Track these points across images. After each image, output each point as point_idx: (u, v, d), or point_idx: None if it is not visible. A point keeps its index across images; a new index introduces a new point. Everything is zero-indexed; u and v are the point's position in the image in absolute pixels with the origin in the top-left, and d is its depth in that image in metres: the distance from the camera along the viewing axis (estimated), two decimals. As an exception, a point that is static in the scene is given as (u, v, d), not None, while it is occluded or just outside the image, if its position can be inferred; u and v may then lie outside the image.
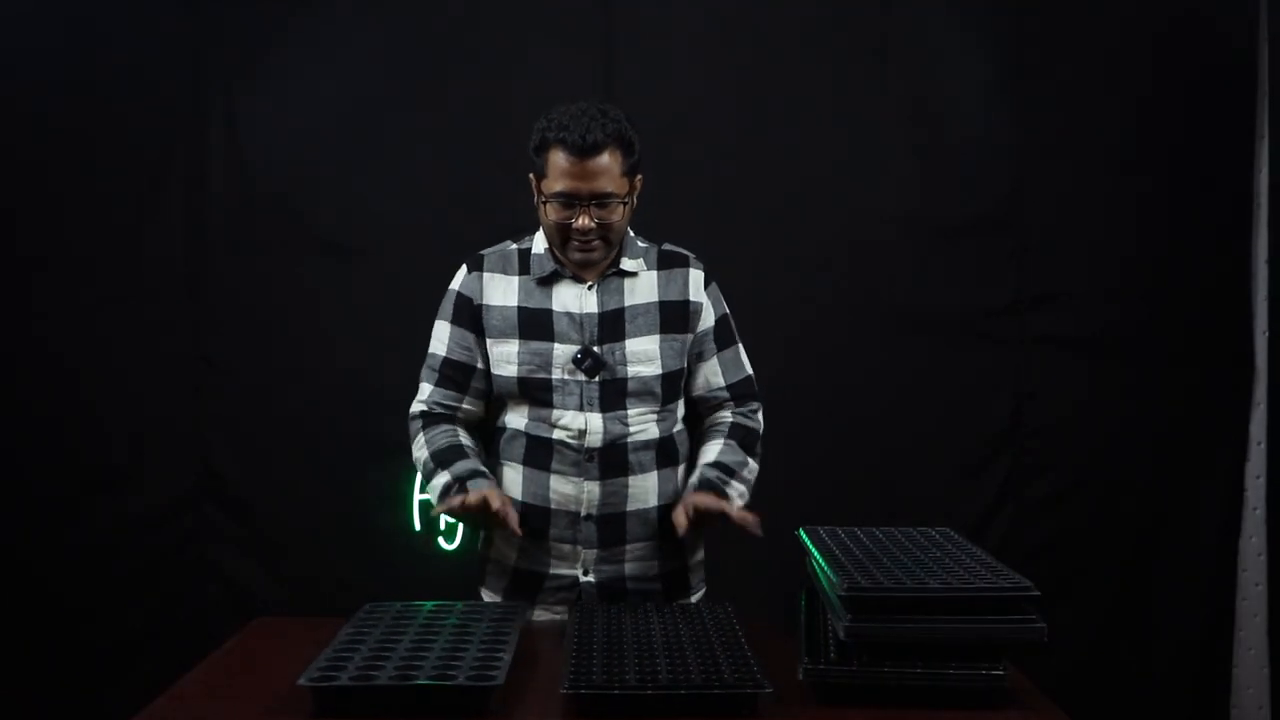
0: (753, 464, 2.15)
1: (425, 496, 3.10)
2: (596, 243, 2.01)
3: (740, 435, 2.15)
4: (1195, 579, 3.23)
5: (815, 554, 1.74)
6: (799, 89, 3.22)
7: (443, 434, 2.10)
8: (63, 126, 3.19)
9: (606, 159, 1.95)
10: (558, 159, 1.96)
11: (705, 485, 2.05)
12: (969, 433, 3.25)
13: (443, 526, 3.14)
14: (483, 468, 2.07)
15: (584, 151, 1.94)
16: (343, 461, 3.19)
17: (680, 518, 1.98)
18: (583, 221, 1.98)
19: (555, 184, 1.97)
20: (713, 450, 2.13)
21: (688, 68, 3.21)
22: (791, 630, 1.79)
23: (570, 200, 1.97)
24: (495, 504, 1.94)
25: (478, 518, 2.02)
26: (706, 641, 1.73)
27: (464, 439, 2.11)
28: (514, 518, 1.97)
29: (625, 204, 2.01)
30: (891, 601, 1.52)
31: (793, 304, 3.22)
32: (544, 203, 2.01)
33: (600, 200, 1.97)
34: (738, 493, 2.09)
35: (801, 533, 1.88)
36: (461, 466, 2.04)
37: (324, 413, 3.22)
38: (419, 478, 2.16)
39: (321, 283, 3.22)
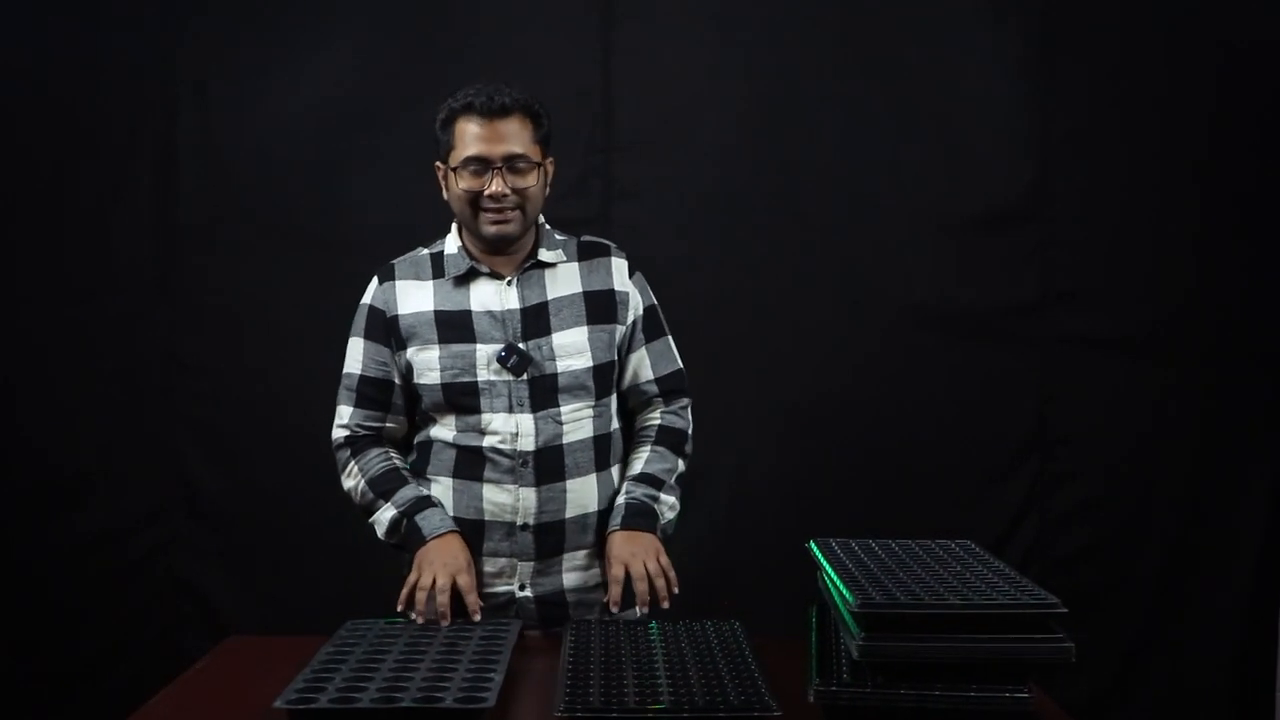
0: (681, 466, 2.20)
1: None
2: (512, 212, 2.04)
3: (669, 439, 2.19)
4: (1233, 595, 3.24)
5: (827, 567, 1.74)
6: (810, 77, 3.22)
7: (376, 459, 2.13)
8: (24, 113, 3.20)
9: (516, 123, 2.02)
10: (466, 126, 2.02)
11: (633, 513, 2.07)
12: (991, 439, 3.25)
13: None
14: (426, 493, 2.10)
15: (493, 112, 2.00)
16: (323, 469, 3.16)
17: (615, 590, 1.99)
18: (496, 185, 2.01)
19: (466, 150, 2.02)
20: (640, 459, 2.17)
21: (693, 59, 3.22)
22: (801, 649, 1.78)
23: (482, 164, 2.01)
24: (463, 583, 1.96)
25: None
26: (711, 661, 1.73)
27: (398, 461, 2.14)
28: (475, 601, 1.97)
29: (539, 169, 2.05)
30: (908, 618, 1.52)
31: (804, 303, 3.22)
32: (454, 172, 2.04)
33: (512, 163, 2.01)
34: (668, 505, 2.13)
35: (812, 545, 1.88)
36: (405, 496, 2.08)
37: (303, 417, 3.19)
38: (358, 508, 2.17)
39: (300, 279, 3.22)
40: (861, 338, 3.23)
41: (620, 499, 2.10)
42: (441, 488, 2.10)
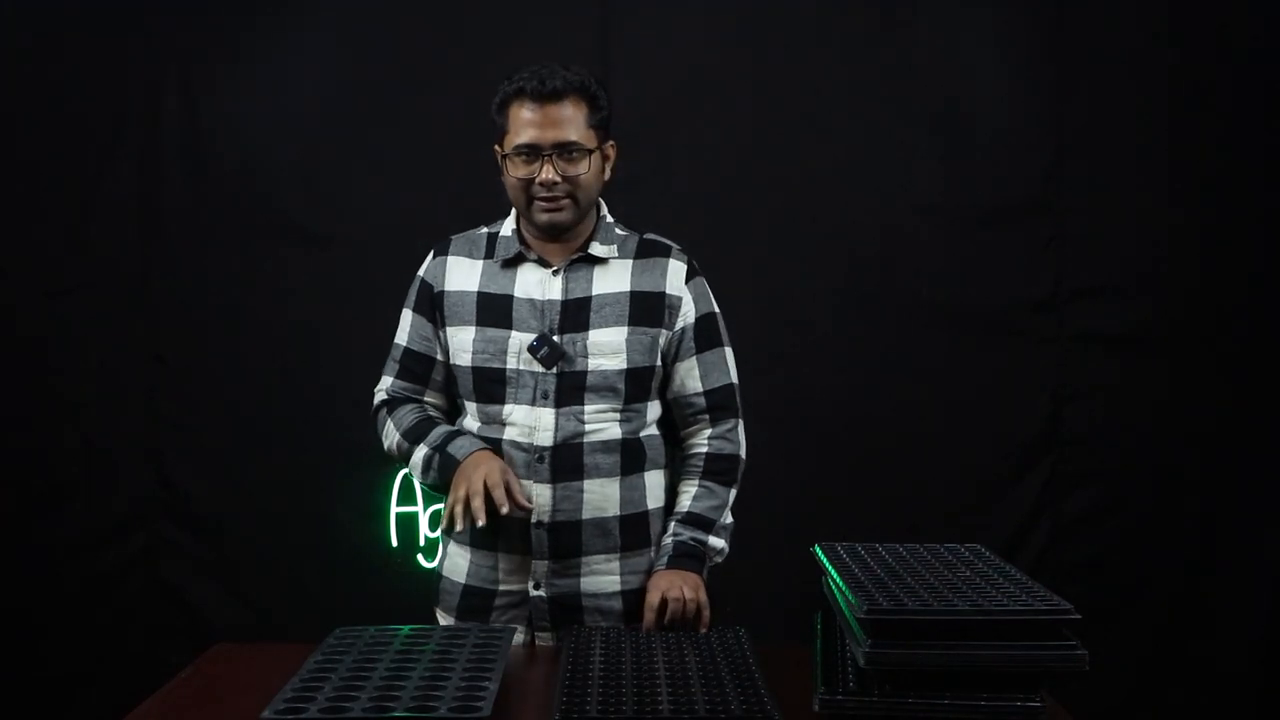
0: (731, 496, 2.19)
1: (401, 510, 3.16)
2: (564, 201, 2.05)
3: (717, 470, 2.18)
4: (1254, 601, 3.23)
5: (832, 573, 1.75)
6: (816, 70, 3.23)
7: (409, 412, 2.15)
8: (4, 108, 3.20)
9: (569, 108, 2.02)
10: (519, 111, 2.03)
11: (681, 553, 2.08)
12: (1002, 439, 3.25)
13: (423, 543, 3.14)
14: (456, 428, 2.12)
15: (544, 97, 2.01)
16: (311, 471, 3.20)
17: (650, 616, 2.02)
18: (547, 173, 2.02)
19: (517, 137, 2.03)
20: (688, 495, 2.16)
21: (696, 51, 3.23)
22: (806, 656, 1.79)
23: (533, 151, 2.02)
24: (493, 479, 1.94)
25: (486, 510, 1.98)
26: (714, 669, 1.73)
27: (433, 412, 2.17)
28: (515, 488, 1.97)
29: (592, 155, 2.05)
30: (916, 625, 1.52)
31: (809, 299, 3.23)
32: (506, 159, 2.06)
33: (564, 150, 2.02)
34: (716, 550, 2.14)
35: (817, 550, 1.88)
36: (436, 434, 2.10)
37: (290, 417, 3.22)
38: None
39: (287, 274, 3.22)
40: (867, 335, 3.23)
41: (667, 539, 2.11)
42: None
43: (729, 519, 2.17)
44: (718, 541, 2.14)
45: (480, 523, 1.94)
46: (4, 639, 3.20)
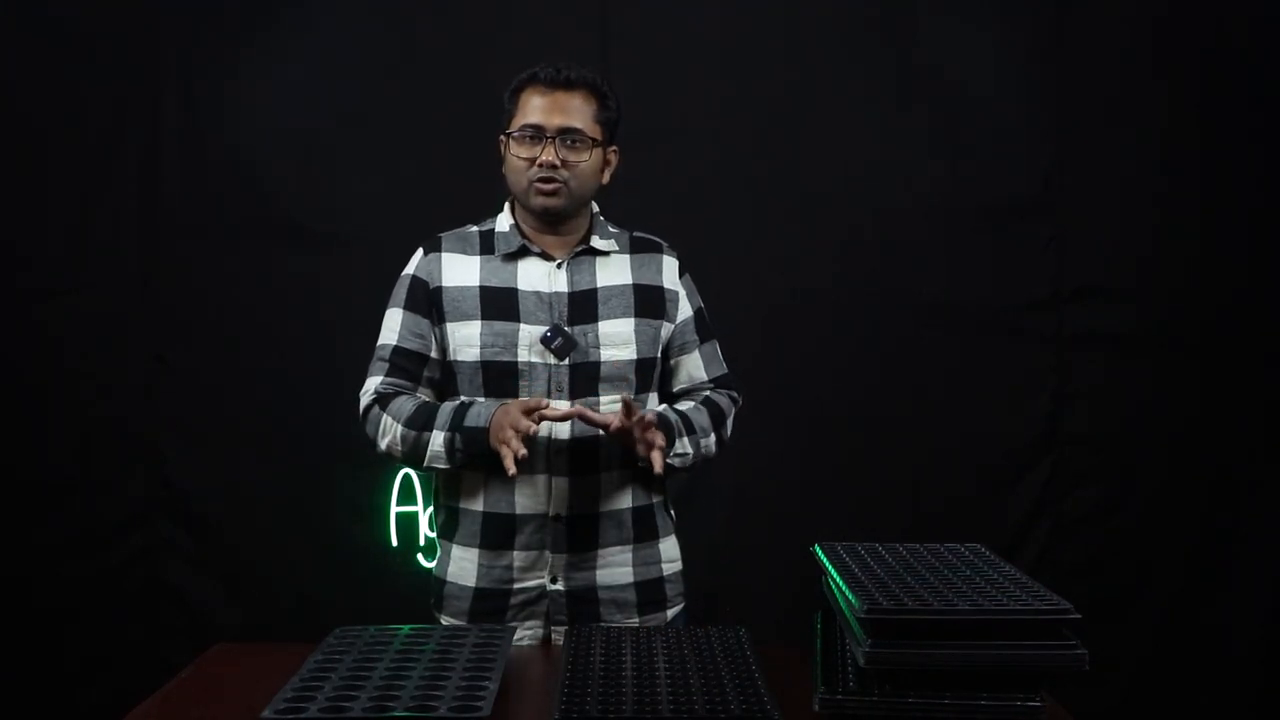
0: (712, 442, 2.17)
1: (401, 510, 3.16)
2: (561, 187, 2.06)
3: (714, 407, 2.20)
4: (1256, 600, 3.24)
5: (832, 573, 1.74)
6: (817, 70, 3.23)
7: (405, 401, 2.10)
8: (5, 108, 3.20)
9: (579, 99, 2.07)
10: (530, 96, 2.07)
11: (661, 423, 2.05)
12: (1002, 439, 3.25)
13: (423, 542, 3.14)
14: (460, 400, 2.08)
15: (557, 84, 2.06)
16: (311, 471, 3.20)
17: (626, 407, 1.97)
18: (548, 155, 2.04)
19: (525, 118, 2.07)
20: (684, 405, 2.18)
21: (694, 49, 3.23)
22: (806, 656, 1.79)
23: (538, 133, 2.05)
24: (530, 428, 1.94)
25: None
26: (714, 668, 1.73)
27: (427, 398, 2.13)
28: (546, 410, 1.97)
29: (595, 150, 2.08)
30: (916, 624, 1.52)
31: (809, 299, 3.23)
32: (510, 139, 2.08)
33: (568, 136, 2.05)
34: (680, 450, 2.10)
35: (817, 549, 1.88)
36: (444, 416, 2.06)
37: (290, 417, 3.22)
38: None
39: (288, 274, 3.23)
40: (867, 335, 3.24)
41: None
42: (475, 480, 2.10)
43: (701, 450, 2.14)
44: (689, 447, 2.11)
45: (534, 430, 1.94)
46: (4, 639, 3.20)
